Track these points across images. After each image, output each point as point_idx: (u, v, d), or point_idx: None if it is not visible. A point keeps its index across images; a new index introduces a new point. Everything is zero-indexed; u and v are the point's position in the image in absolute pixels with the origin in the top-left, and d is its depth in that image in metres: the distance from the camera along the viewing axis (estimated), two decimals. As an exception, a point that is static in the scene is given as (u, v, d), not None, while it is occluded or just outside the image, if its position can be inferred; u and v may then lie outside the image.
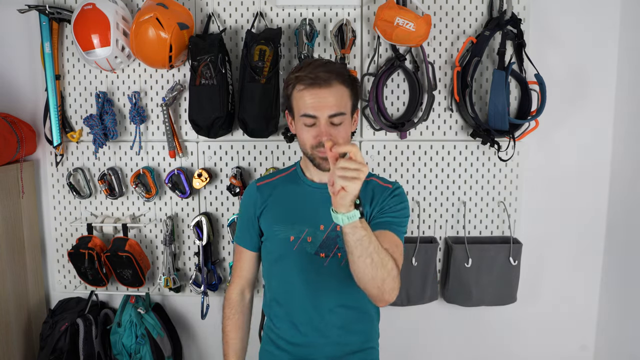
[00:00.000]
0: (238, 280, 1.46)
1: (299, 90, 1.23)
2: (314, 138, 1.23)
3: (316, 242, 1.31)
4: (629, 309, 1.84)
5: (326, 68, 1.21)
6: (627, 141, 1.85)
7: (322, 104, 1.20)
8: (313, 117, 1.21)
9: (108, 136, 1.87)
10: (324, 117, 1.21)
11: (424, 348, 2.05)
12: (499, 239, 1.92)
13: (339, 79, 1.22)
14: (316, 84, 1.19)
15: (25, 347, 1.94)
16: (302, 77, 1.21)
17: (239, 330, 1.43)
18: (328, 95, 1.20)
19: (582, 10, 1.85)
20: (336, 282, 1.32)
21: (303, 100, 1.22)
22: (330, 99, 1.20)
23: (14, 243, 1.87)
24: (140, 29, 1.64)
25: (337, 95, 1.21)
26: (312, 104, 1.21)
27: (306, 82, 1.20)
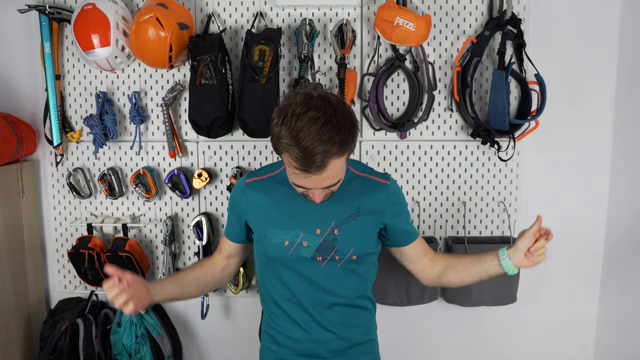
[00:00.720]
0: (217, 255, 1.46)
1: (290, 164, 1.12)
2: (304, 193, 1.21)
3: (312, 247, 1.29)
4: (629, 309, 1.84)
5: (322, 147, 1.06)
6: (627, 141, 1.85)
7: (317, 184, 1.15)
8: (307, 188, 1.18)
9: (108, 136, 1.87)
10: (318, 190, 1.17)
11: (424, 348, 2.05)
12: (499, 239, 1.91)
13: (337, 154, 1.09)
14: (309, 171, 1.09)
15: (25, 347, 1.94)
16: (295, 157, 1.08)
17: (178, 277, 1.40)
18: (323, 178, 1.12)
19: (582, 11, 1.85)
20: (333, 282, 1.31)
21: (296, 177, 1.14)
22: (326, 180, 1.14)
23: (14, 243, 1.87)
24: (140, 29, 1.64)
25: (333, 172, 1.12)
26: (306, 184, 1.15)
27: (299, 166, 1.08)
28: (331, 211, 1.29)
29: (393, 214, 1.35)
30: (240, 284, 1.89)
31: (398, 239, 1.38)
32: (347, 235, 1.29)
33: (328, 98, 1.10)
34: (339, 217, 1.29)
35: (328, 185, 1.16)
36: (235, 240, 1.42)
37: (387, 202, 1.33)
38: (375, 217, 1.32)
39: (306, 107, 1.07)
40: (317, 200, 1.20)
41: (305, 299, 1.33)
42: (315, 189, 1.17)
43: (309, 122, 1.05)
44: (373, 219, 1.32)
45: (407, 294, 1.87)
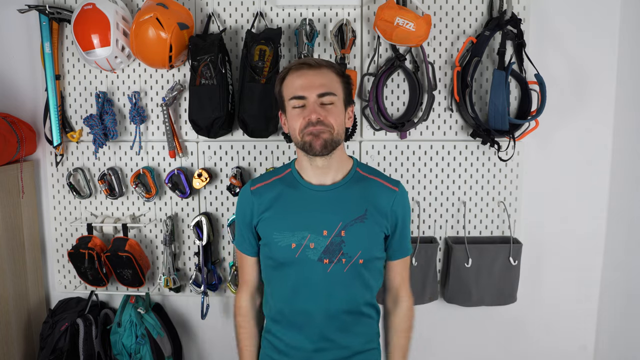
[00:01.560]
0: (246, 287, 1.42)
1: (288, 78, 1.25)
2: (303, 119, 1.22)
3: (319, 248, 1.27)
4: (629, 309, 1.84)
5: (316, 59, 1.27)
6: (627, 140, 1.85)
7: (310, 84, 1.22)
8: (302, 97, 1.22)
9: (108, 136, 1.87)
10: (313, 97, 1.22)
11: (424, 348, 2.05)
12: (499, 239, 1.92)
13: (328, 66, 1.26)
14: (305, 66, 1.23)
15: (25, 347, 1.94)
16: (293, 66, 1.25)
17: (253, 338, 1.41)
18: (316, 76, 1.22)
19: (582, 11, 1.85)
20: (339, 287, 1.30)
21: (292, 83, 1.24)
22: (319, 79, 1.22)
23: (14, 243, 1.87)
24: (140, 29, 1.64)
25: (326, 77, 1.24)
26: (300, 84, 1.22)
27: (295, 67, 1.24)
28: (338, 212, 1.28)
29: (395, 222, 1.34)
30: (240, 284, 1.89)
31: (389, 250, 1.38)
32: (354, 237, 1.28)
33: None
34: (346, 219, 1.28)
35: (323, 92, 1.22)
36: (254, 254, 1.40)
37: (392, 209, 1.32)
38: (381, 220, 1.31)
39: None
40: (312, 115, 1.21)
41: (310, 304, 1.31)
42: (310, 95, 1.21)
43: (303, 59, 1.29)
44: (379, 223, 1.31)
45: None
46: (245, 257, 1.41)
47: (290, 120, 1.27)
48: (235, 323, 1.42)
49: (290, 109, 1.25)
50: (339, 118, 1.25)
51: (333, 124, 1.23)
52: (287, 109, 1.27)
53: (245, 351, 1.39)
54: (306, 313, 1.32)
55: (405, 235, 1.38)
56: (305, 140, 1.23)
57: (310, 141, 1.23)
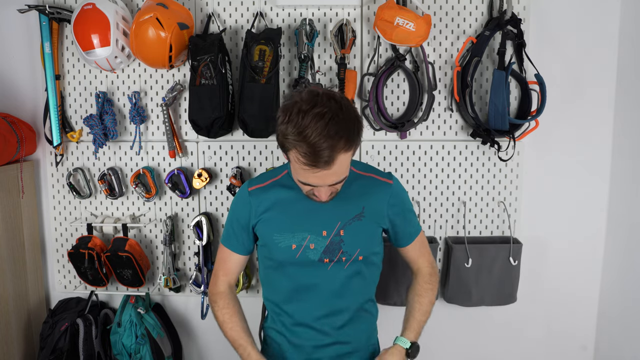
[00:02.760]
0: (225, 278, 1.39)
1: (297, 161, 1.12)
2: (310, 192, 1.22)
3: (319, 249, 1.28)
4: (629, 309, 1.84)
5: (329, 142, 1.06)
6: (627, 140, 1.85)
7: (324, 181, 1.15)
8: (313, 185, 1.18)
9: (108, 136, 1.87)
10: (325, 187, 1.18)
11: (424, 348, 2.04)
12: (499, 239, 1.92)
13: (343, 149, 1.10)
14: (317, 166, 1.09)
15: (25, 347, 1.94)
16: (303, 152, 1.08)
17: (238, 314, 1.37)
18: (330, 174, 1.13)
19: (582, 10, 1.85)
20: (339, 285, 1.31)
21: (303, 173, 1.14)
22: (333, 176, 1.14)
23: (14, 243, 1.87)
24: (140, 29, 1.64)
25: (340, 168, 1.13)
26: (312, 181, 1.15)
27: (307, 162, 1.09)
28: (336, 212, 1.29)
29: (395, 213, 1.35)
30: (240, 284, 1.89)
31: (398, 239, 1.40)
32: (352, 235, 1.29)
33: (333, 95, 1.12)
34: (344, 218, 1.29)
35: (335, 182, 1.17)
36: (243, 253, 1.39)
37: (389, 203, 1.33)
38: (378, 216, 1.32)
39: (312, 104, 1.08)
40: (323, 198, 1.20)
41: (312, 304, 1.32)
42: (322, 186, 1.17)
43: (315, 117, 1.06)
44: (377, 219, 1.32)
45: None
46: (231, 254, 1.39)
47: (294, 175, 1.21)
48: (216, 307, 1.37)
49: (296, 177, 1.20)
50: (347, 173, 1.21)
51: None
52: (292, 165, 1.17)
53: (237, 326, 1.34)
54: (306, 312, 1.32)
55: (409, 221, 1.39)
56: (307, 195, 1.24)
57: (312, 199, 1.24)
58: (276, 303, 1.38)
